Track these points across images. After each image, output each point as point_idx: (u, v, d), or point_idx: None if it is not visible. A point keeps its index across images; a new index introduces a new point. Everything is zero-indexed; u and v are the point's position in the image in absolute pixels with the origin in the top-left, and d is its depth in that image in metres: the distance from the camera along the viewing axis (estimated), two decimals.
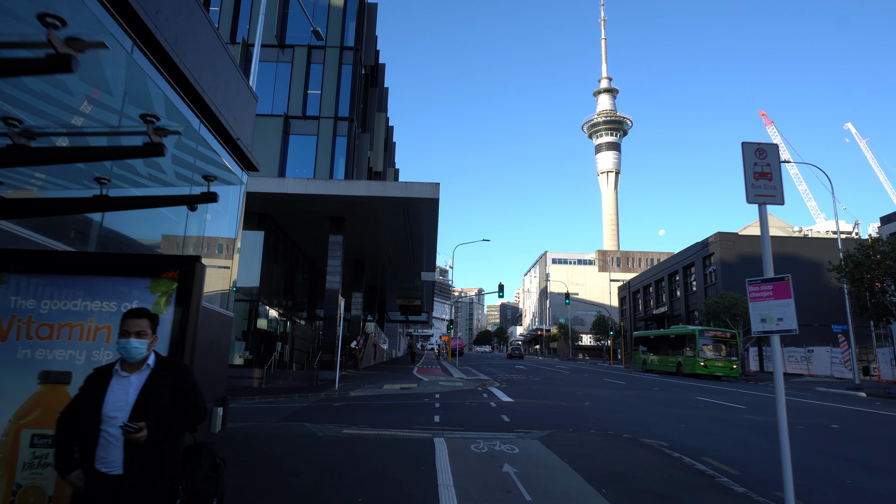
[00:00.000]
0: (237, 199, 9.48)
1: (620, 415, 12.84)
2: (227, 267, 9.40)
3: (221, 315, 8.72)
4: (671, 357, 35.60)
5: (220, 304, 8.93)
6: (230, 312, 9.12)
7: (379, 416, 12.28)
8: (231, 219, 9.36)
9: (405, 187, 21.29)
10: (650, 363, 39.06)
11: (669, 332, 37.71)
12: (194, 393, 3.16)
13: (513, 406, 14.32)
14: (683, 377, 31.31)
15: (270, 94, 25.77)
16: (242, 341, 23.08)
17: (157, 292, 3.54)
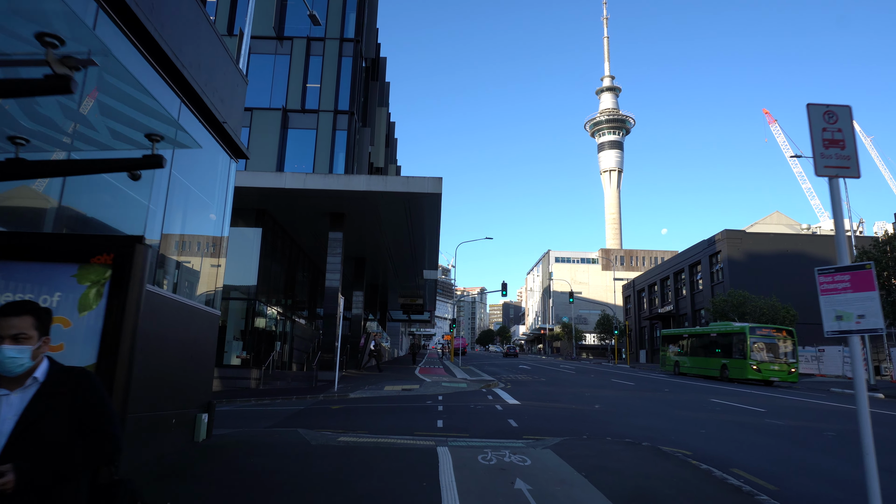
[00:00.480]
0: (224, 186, 8.79)
1: (634, 419, 12.13)
2: (217, 265, 8.70)
3: (206, 313, 8.04)
4: (712, 359, 30.87)
5: (204, 302, 8.24)
6: (216, 310, 8.43)
7: (378, 421, 11.60)
8: (217, 209, 8.67)
9: (406, 182, 20.60)
10: (683, 366, 34.42)
11: (709, 329, 32.95)
12: (103, 416, 2.30)
13: (519, 409, 13.62)
14: (729, 382, 27.35)
15: (268, 87, 25.10)
16: (240, 341, 22.43)
17: (86, 282, 2.79)
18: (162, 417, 6.74)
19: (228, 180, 8.92)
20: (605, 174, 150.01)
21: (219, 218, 8.65)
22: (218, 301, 8.65)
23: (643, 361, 64.56)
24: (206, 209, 8.48)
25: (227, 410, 14.28)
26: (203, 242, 8.52)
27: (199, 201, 8.35)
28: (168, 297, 6.82)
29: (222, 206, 8.73)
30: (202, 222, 8.50)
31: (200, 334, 7.85)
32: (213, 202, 8.59)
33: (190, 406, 7.52)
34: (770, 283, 43.01)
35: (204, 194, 8.44)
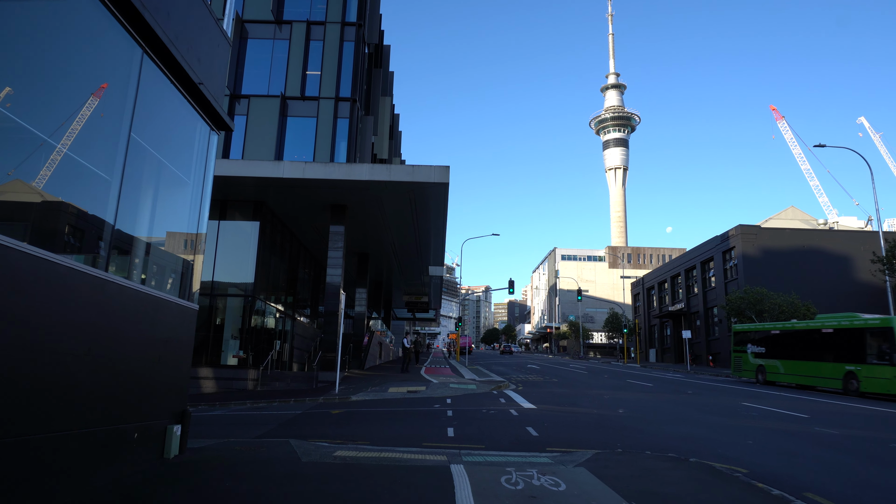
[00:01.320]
0: (202, 160, 7.60)
1: (667, 426, 10.90)
2: (195, 252, 7.52)
3: (180, 307, 6.86)
4: (827, 364, 22.25)
5: (178, 294, 7.07)
6: (193, 304, 7.26)
7: (382, 428, 10.41)
8: (195, 188, 7.48)
9: (412, 171, 19.40)
10: (774, 372, 25.57)
11: (818, 324, 23.91)
12: None
13: (537, 415, 12.40)
14: (860, 398, 19.50)
15: (266, 73, 23.96)
16: (237, 339, 21.31)
17: None
18: (119, 432, 5.56)
19: (208, 155, 7.73)
20: (610, 172, 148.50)
21: (197, 197, 7.46)
22: (196, 294, 7.47)
23: (653, 360, 63.21)
24: (182, 187, 7.30)
25: (218, 416, 13.14)
26: (179, 225, 7.33)
27: (173, 178, 7.17)
28: (126, 285, 5.64)
29: (201, 183, 7.54)
30: (177, 202, 7.31)
31: (173, 331, 6.67)
32: (190, 179, 7.40)
33: (158, 416, 6.34)
34: (786, 279, 41.65)
35: (179, 169, 7.26)
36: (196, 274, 7.53)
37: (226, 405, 16.04)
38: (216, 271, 21.00)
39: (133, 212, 6.13)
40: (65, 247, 5.25)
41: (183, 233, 7.31)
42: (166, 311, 6.51)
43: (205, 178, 7.62)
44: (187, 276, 7.31)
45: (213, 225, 21.39)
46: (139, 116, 5.93)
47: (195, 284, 7.49)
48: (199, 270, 7.57)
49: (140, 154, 6.20)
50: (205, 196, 7.66)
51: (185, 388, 7.01)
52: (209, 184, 7.79)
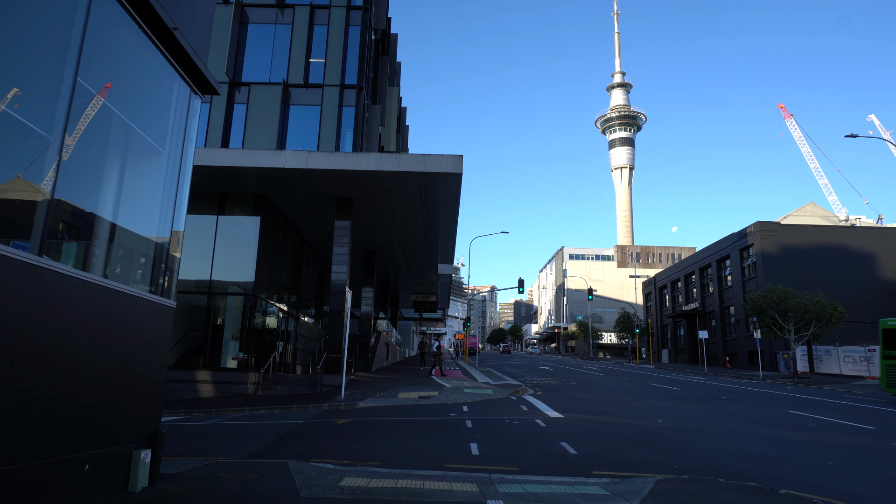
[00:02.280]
0: (181, 128, 6.31)
1: (718, 441, 9.54)
2: (171, 238, 6.22)
3: (151, 304, 5.57)
4: None
5: (149, 289, 5.78)
6: (169, 301, 5.97)
7: (395, 444, 9.11)
8: (172, 160, 6.20)
9: (422, 160, 18.10)
10: None
11: None
12: None
13: (567, 426, 11.06)
14: None
15: (268, 59, 22.68)
16: (237, 340, 20.07)
17: None
18: (60, 465, 4.28)
19: (188, 122, 6.44)
20: (616, 171, 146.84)
21: (174, 171, 6.18)
22: (173, 288, 6.18)
23: (665, 361, 61.65)
24: (156, 158, 6.01)
25: (211, 426, 11.88)
26: (151, 205, 6.04)
27: (144, 146, 5.88)
28: (71, 275, 4.36)
29: (179, 154, 6.25)
30: (149, 175, 6.03)
31: (141, 333, 5.39)
32: (165, 150, 6.11)
33: (120, 440, 5.06)
34: (807, 278, 40.10)
35: (152, 137, 5.97)
36: (175, 264, 6.25)
37: (222, 412, 14.80)
38: (215, 269, 19.78)
39: (86, 181, 4.84)
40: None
41: (157, 213, 6.02)
42: (132, 309, 5.22)
43: (184, 148, 6.34)
44: (162, 266, 6.01)
45: (211, 220, 20.17)
46: (92, 60, 4.63)
47: (173, 277, 6.21)
48: (177, 262, 6.28)
49: (97, 111, 4.91)
50: (184, 170, 6.37)
51: (159, 403, 5.72)
52: (189, 156, 6.51)
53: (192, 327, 19.77)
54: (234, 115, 22.17)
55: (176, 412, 14.88)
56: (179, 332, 20.09)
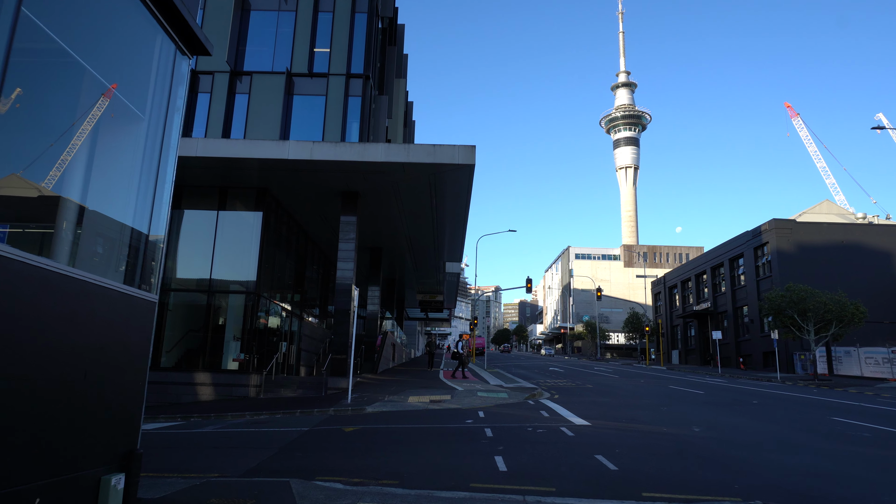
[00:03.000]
0: (164, 92, 5.38)
1: (771, 454, 8.55)
2: (141, 229, 5.29)
3: (124, 297, 4.64)
4: None
5: (122, 277, 4.85)
6: (150, 295, 5.03)
7: (410, 456, 8.16)
8: (154, 127, 5.26)
9: (433, 151, 17.15)
10: None
11: None
12: None
13: (597, 435, 10.10)
14: None
15: (270, 48, 21.77)
16: (238, 341, 19.17)
17: None
18: (6, 499, 3.34)
19: (173, 86, 5.50)
20: (620, 171, 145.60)
21: (156, 141, 5.24)
22: (156, 279, 5.25)
23: (675, 362, 60.52)
24: (134, 124, 5.08)
25: (208, 434, 10.96)
26: (128, 182, 5.11)
27: (119, 108, 4.94)
28: (16, 257, 3.42)
29: (162, 123, 5.31)
30: (126, 144, 5.09)
31: (113, 333, 4.45)
32: (146, 115, 5.18)
33: (85, 464, 4.12)
34: (824, 276, 38.99)
35: (131, 100, 5.04)
36: (157, 252, 5.31)
37: (222, 417, 13.89)
38: (215, 266, 18.89)
39: (40, 148, 3.90)
40: None
41: (135, 191, 5.08)
42: (101, 303, 4.29)
43: (168, 116, 5.39)
44: (141, 254, 5.07)
45: (211, 215, 19.29)
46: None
47: (155, 267, 5.27)
48: (160, 247, 5.34)
49: (53, 58, 3.98)
50: (169, 142, 5.43)
51: (137, 417, 4.78)
52: (176, 127, 5.57)
53: (193, 327, 18.90)
54: (236, 106, 21.29)
55: (173, 417, 13.99)
56: (179, 333, 19.23)
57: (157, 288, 5.23)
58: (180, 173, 18.40)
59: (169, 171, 5.51)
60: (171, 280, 18.76)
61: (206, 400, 17.80)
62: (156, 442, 9.99)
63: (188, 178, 18.63)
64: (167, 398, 17.67)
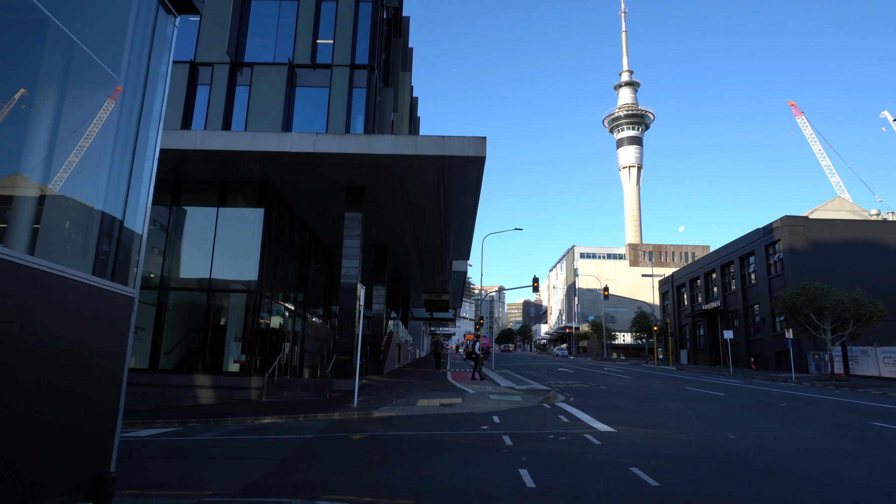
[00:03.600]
0: (143, 52, 4.62)
1: (827, 465, 7.75)
2: (114, 214, 4.53)
3: (92, 290, 3.88)
4: None
5: (91, 267, 4.09)
6: (127, 288, 4.28)
7: (425, 469, 7.39)
8: (131, 92, 4.50)
9: (442, 143, 16.39)
10: None
11: None
12: None
13: (624, 442, 9.31)
14: None
15: (272, 38, 21.04)
16: (239, 342, 18.44)
17: None
18: None
19: (154, 46, 4.73)
20: (624, 170, 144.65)
21: (134, 109, 4.48)
22: (134, 271, 4.49)
23: (684, 362, 59.63)
24: (107, 87, 4.32)
25: (204, 442, 10.21)
26: (100, 156, 4.34)
27: (92, 70, 4.19)
28: None
29: (142, 88, 4.55)
30: (90, 108, 4.32)
31: (74, 335, 3.69)
32: (121, 77, 4.41)
33: (39, 495, 3.36)
34: (838, 274, 38.07)
35: (104, 60, 4.28)
36: (135, 241, 4.55)
37: (221, 422, 13.15)
38: (215, 264, 18.17)
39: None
40: None
41: (106, 168, 4.32)
42: (60, 297, 3.53)
43: (149, 81, 4.63)
44: (114, 242, 4.31)
45: (210, 212, 18.57)
46: None
47: (134, 257, 4.51)
48: (138, 235, 4.58)
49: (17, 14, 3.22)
50: (150, 113, 4.67)
51: (109, 434, 4.02)
52: (158, 96, 4.81)
53: (193, 328, 18.19)
54: (237, 99, 20.56)
55: (170, 422, 13.26)
56: (179, 334, 18.54)
57: (135, 281, 4.47)
58: (178, 168, 17.69)
59: (150, 149, 4.74)
60: (169, 279, 18.07)
61: (206, 403, 17.09)
62: (148, 451, 9.25)
63: (187, 172, 17.92)
64: (165, 401, 16.97)
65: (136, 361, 17.81)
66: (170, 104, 20.66)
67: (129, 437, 10.85)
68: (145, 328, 18.07)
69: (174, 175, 18.12)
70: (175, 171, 17.80)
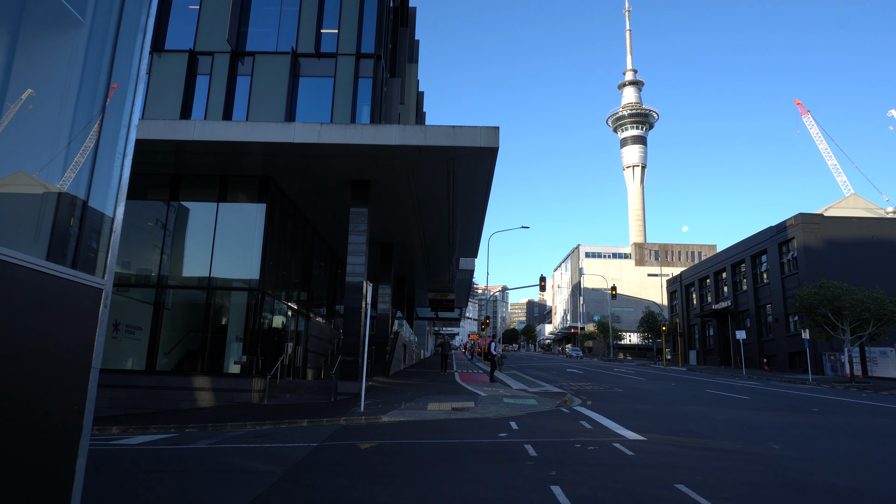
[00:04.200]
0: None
1: (892, 481, 6.92)
2: (70, 175, 3.72)
3: (46, 278, 3.07)
4: None
5: (44, 253, 3.30)
6: (95, 279, 3.48)
7: (443, 486, 6.58)
8: (99, 33, 3.71)
9: (452, 133, 15.59)
10: None
11: None
12: None
13: (660, 454, 8.49)
14: None
15: (274, 26, 20.26)
16: (240, 342, 17.68)
17: None
18: None
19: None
20: (628, 170, 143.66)
21: (102, 58, 3.68)
22: (104, 260, 3.68)
23: (693, 363, 58.67)
24: (72, 33, 3.52)
25: (199, 451, 9.41)
26: (55, 116, 3.54)
27: (50, 7, 3.39)
28: None
29: (111, 33, 3.75)
30: (55, 63, 3.52)
31: (21, 330, 2.89)
32: (86, 19, 3.61)
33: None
34: (854, 273, 37.14)
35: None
36: (105, 224, 3.74)
37: (220, 428, 12.37)
38: (215, 262, 17.40)
39: None
40: None
41: (66, 131, 3.52)
42: (19, 292, 2.73)
43: (122, 26, 3.82)
44: (76, 222, 3.51)
45: (210, 207, 17.80)
46: None
47: (104, 241, 3.71)
48: (108, 218, 3.77)
49: None
50: (128, 70, 3.86)
51: (69, 461, 3.21)
52: (137, 52, 3.99)
53: (193, 328, 17.44)
54: (238, 89, 19.79)
55: (165, 428, 12.49)
56: (179, 333, 17.79)
57: (106, 271, 3.67)
58: (176, 161, 16.93)
59: (126, 114, 3.93)
60: (168, 277, 17.33)
61: (206, 406, 16.32)
62: (137, 463, 8.47)
63: (185, 165, 17.17)
64: (163, 405, 16.21)
65: (133, 363, 17.08)
66: (168, 95, 19.89)
67: (121, 446, 10.09)
68: (143, 328, 17.35)
69: (172, 168, 17.38)
70: (173, 163, 17.05)
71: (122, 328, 17.45)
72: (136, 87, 4.02)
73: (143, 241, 17.96)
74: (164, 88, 19.96)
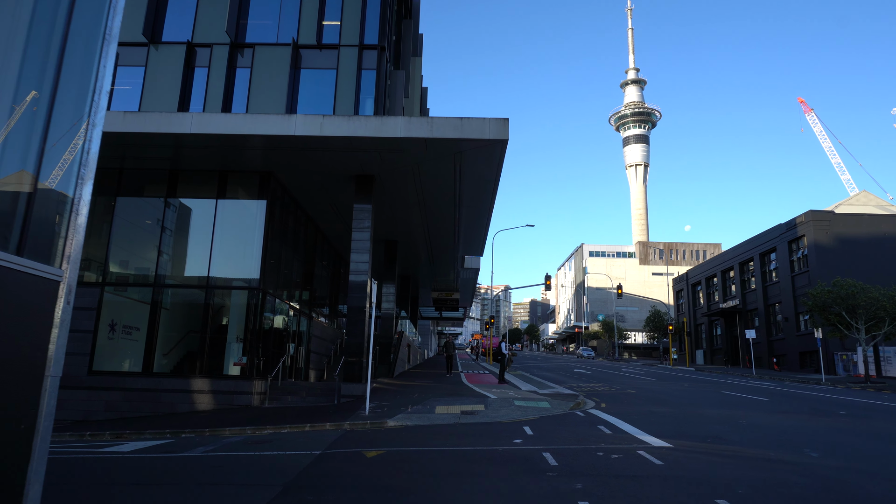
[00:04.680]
0: None
1: None
2: (60, 146, 3.10)
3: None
4: None
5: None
6: (51, 269, 2.85)
7: (460, 501, 5.96)
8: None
9: (460, 125, 14.96)
10: None
11: None
12: None
13: (689, 463, 7.85)
14: None
15: (275, 18, 19.66)
16: (240, 342, 17.08)
17: None
18: None
19: None
20: (630, 168, 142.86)
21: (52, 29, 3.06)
22: (65, 250, 3.06)
23: (700, 363, 57.95)
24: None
25: (194, 459, 8.80)
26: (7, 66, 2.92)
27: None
28: None
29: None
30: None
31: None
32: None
33: None
34: (866, 271, 36.42)
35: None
36: (65, 204, 3.12)
37: (218, 433, 11.77)
38: (214, 260, 16.82)
39: None
40: None
41: (11, 86, 2.89)
42: None
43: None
44: (21, 202, 2.89)
45: (209, 204, 17.22)
46: None
47: (63, 226, 3.09)
48: (73, 196, 3.16)
49: None
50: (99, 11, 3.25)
51: (10, 499, 2.59)
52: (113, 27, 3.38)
53: (192, 328, 16.86)
54: (237, 82, 19.20)
55: (161, 433, 11.90)
56: (178, 334, 17.22)
57: (64, 259, 3.04)
58: (173, 155, 16.34)
59: (92, 76, 3.30)
60: (165, 276, 16.76)
61: (205, 409, 15.74)
62: (126, 474, 7.86)
63: (182, 160, 16.58)
64: (160, 408, 15.63)
65: (130, 364, 16.50)
66: (165, 88, 19.30)
67: (110, 454, 9.49)
68: (139, 328, 16.78)
69: (169, 164, 16.79)
70: (170, 158, 16.47)
71: (119, 328, 16.87)
72: (107, 47, 3.40)
73: (140, 239, 17.38)
74: (161, 81, 19.39)
